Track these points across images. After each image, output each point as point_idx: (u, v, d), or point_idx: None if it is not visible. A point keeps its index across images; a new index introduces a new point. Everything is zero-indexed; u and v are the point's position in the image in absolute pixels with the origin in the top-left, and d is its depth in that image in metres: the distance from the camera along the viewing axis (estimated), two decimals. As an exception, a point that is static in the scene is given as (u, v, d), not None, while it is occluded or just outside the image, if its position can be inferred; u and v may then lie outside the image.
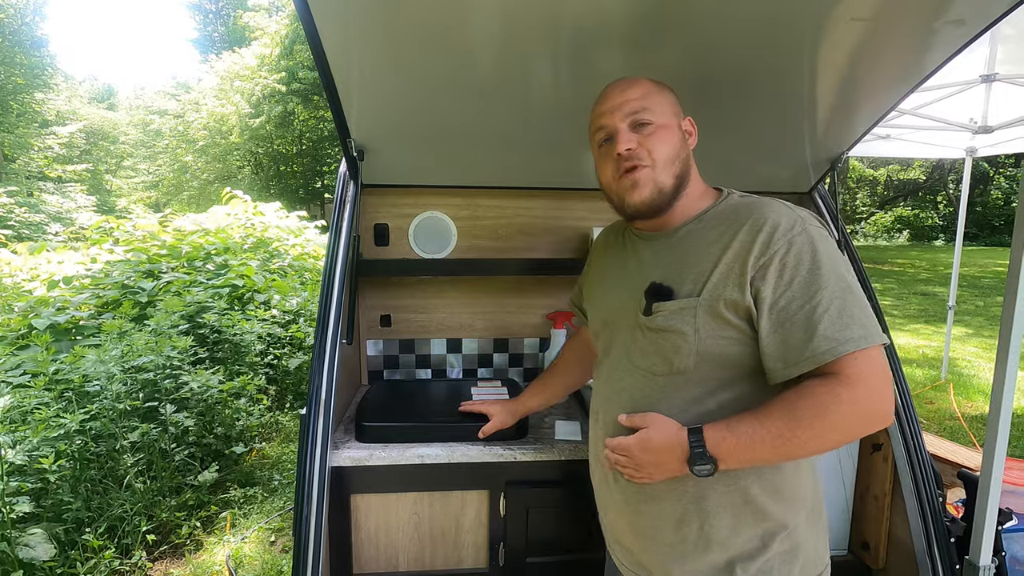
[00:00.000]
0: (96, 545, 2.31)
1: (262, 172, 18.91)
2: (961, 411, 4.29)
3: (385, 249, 1.92)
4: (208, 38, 27.81)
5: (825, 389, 0.82)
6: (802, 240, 0.87)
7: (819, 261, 0.86)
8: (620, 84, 1.02)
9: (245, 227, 5.82)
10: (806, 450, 0.84)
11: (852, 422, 0.83)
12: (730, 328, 0.91)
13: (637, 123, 0.98)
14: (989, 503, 1.28)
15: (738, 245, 0.90)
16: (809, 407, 0.82)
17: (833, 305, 0.84)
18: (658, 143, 0.97)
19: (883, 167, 21.40)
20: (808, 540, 0.95)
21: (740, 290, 0.89)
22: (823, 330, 0.83)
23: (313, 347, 1.42)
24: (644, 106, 0.98)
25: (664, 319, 0.95)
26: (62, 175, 18.05)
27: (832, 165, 1.73)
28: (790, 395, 0.85)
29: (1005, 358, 1.22)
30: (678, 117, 1.03)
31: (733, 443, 0.85)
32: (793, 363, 0.85)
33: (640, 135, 0.98)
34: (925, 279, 12.12)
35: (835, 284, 0.85)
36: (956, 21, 1.19)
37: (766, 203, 0.94)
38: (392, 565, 1.50)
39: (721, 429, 0.86)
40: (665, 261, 1.00)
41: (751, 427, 0.84)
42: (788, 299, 0.86)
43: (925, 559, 1.40)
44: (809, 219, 0.92)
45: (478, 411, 1.47)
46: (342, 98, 1.36)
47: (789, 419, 0.83)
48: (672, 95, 1.04)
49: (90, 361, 2.62)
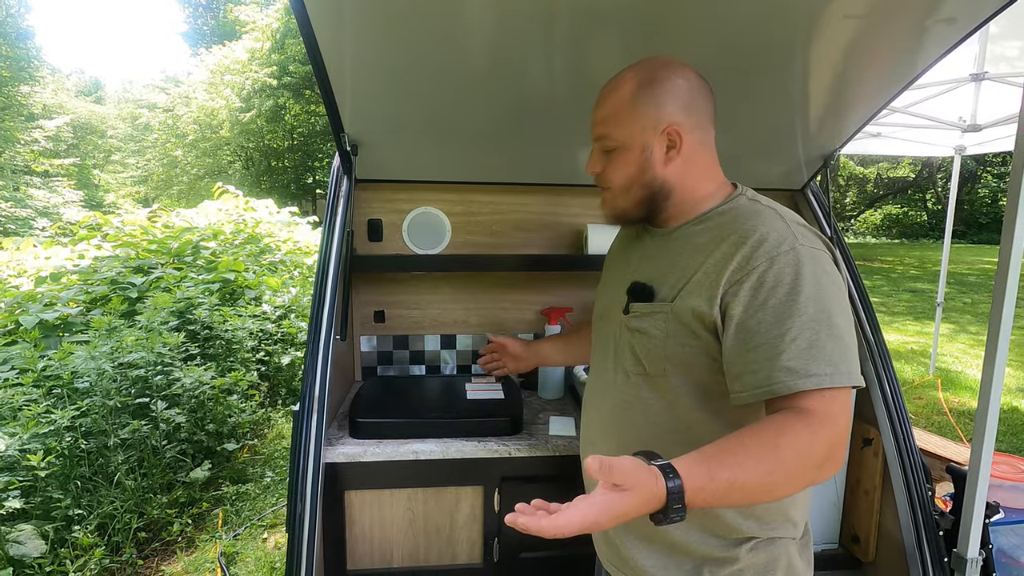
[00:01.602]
0: (86, 543, 2.29)
1: (253, 167, 18.74)
2: (949, 407, 4.35)
3: (379, 244, 1.91)
4: (198, 31, 27.51)
5: (801, 427, 0.74)
6: (787, 260, 0.81)
7: (800, 285, 0.79)
8: (601, 94, 0.99)
9: (236, 223, 5.77)
10: (774, 496, 0.76)
11: (822, 467, 0.75)
12: (696, 338, 0.88)
13: (602, 146, 0.98)
14: (977, 497, 1.29)
15: (719, 255, 0.86)
16: (791, 445, 0.73)
17: (803, 335, 0.77)
18: (613, 170, 0.97)
19: (873, 165, 21.56)
20: (791, 559, 0.93)
21: (708, 303, 0.85)
22: (785, 360, 0.77)
23: (307, 343, 1.41)
24: (606, 132, 0.96)
25: (639, 320, 0.94)
26: (49, 169, 17.79)
27: (825, 162, 1.74)
28: (767, 432, 0.75)
29: (993, 355, 1.23)
30: (651, 132, 0.93)
31: (712, 492, 0.71)
32: (750, 388, 0.80)
33: (605, 157, 0.98)
34: (914, 276, 12.24)
35: (812, 313, 0.78)
36: (948, 19, 1.20)
37: (764, 215, 0.88)
38: (386, 561, 1.50)
39: (703, 478, 0.70)
40: (656, 261, 0.98)
41: (731, 473, 0.71)
42: (758, 320, 0.80)
43: (914, 552, 1.42)
44: (803, 238, 0.84)
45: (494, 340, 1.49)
46: (336, 92, 1.35)
47: (771, 463, 0.73)
48: (651, 104, 0.92)
49: (80, 357, 2.59)
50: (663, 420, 0.93)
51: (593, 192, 1.96)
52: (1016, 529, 1.94)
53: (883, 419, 1.52)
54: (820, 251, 0.85)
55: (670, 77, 0.93)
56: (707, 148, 0.98)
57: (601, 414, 1.04)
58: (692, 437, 0.90)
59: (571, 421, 1.58)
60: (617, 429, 1.00)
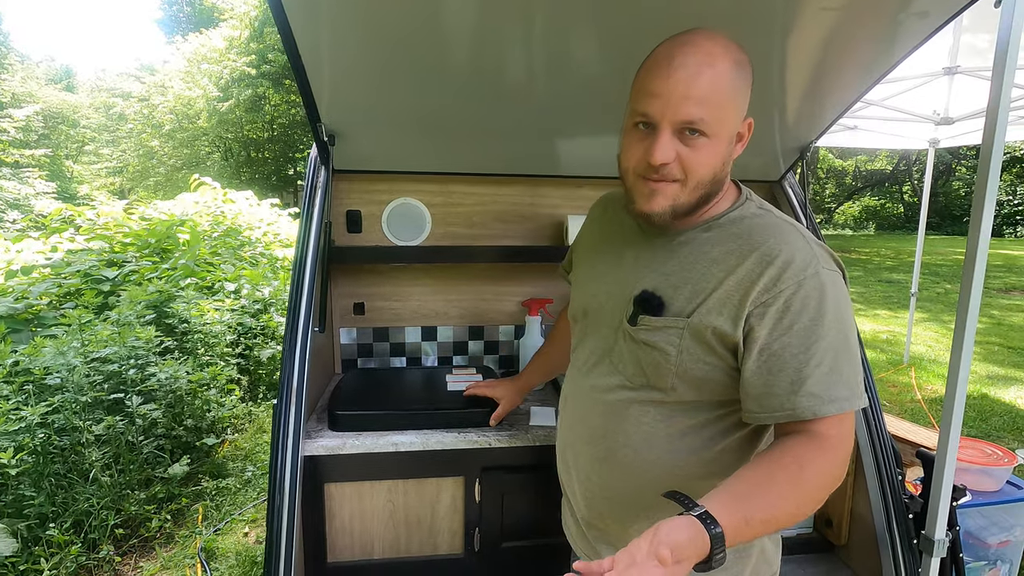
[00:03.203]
0: (61, 540, 2.25)
1: (232, 158, 18.41)
2: (921, 394, 4.46)
3: (358, 236, 1.89)
4: (174, 18, 26.83)
5: (819, 454, 0.76)
6: (812, 284, 0.79)
7: (824, 309, 0.79)
8: (689, 61, 0.78)
9: (214, 215, 5.67)
10: (794, 523, 0.76)
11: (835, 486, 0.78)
12: (714, 355, 0.85)
13: (688, 128, 0.80)
14: (944, 480, 1.33)
15: (743, 273, 0.82)
16: (814, 476, 0.75)
17: (826, 360, 0.78)
18: (699, 163, 0.82)
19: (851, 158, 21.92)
20: (763, 542, 0.95)
21: (733, 323, 0.82)
22: (811, 386, 0.77)
23: (284, 335, 1.39)
24: (704, 116, 0.79)
25: (648, 333, 0.88)
26: (19, 160, 17.27)
27: (801, 154, 1.76)
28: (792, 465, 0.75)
29: (960, 342, 1.26)
30: (737, 123, 0.85)
31: (746, 535, 0.71)
32: (770, 410, 0.80)
33: (684, 145, 0.81)
34: (890, 267, 12.49)
35: (833, 337, 0.79)
36: (920, 13, 1.22)
37: (783, 230, 0.85)
38: (367, 553, 1.50)
39: (738, 522, 0.69)
40: (663, 267, 0.91)
41: (766, 513, 0.72)
42: (783, 344, 0.79)
43: (884, 535, 1.45)
44: (824, 259, 0.83)
45: (483, 395, 1.46)
46: (311, 81, 1.33)
47: (799, 495, 0.75)
48: (747, 87, 0.84)
49: (49, 353, 2.53)
50: (660, 431, 0.91)
51: (573, 183, 1.98)
52: (983, 511, 2.01)
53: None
54: (836, 272, 0.84)
55: (748, 60, 0.84)
56: None
57: (588, 418, 0.99)
58: (684, 445, 0.90)
59: (552, 411, 1.59)
60: (607, 436, 0.96)
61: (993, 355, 5.71)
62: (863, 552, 1.56)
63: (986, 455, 2.03)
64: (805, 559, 1.68)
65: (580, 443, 1.01)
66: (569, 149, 1.76)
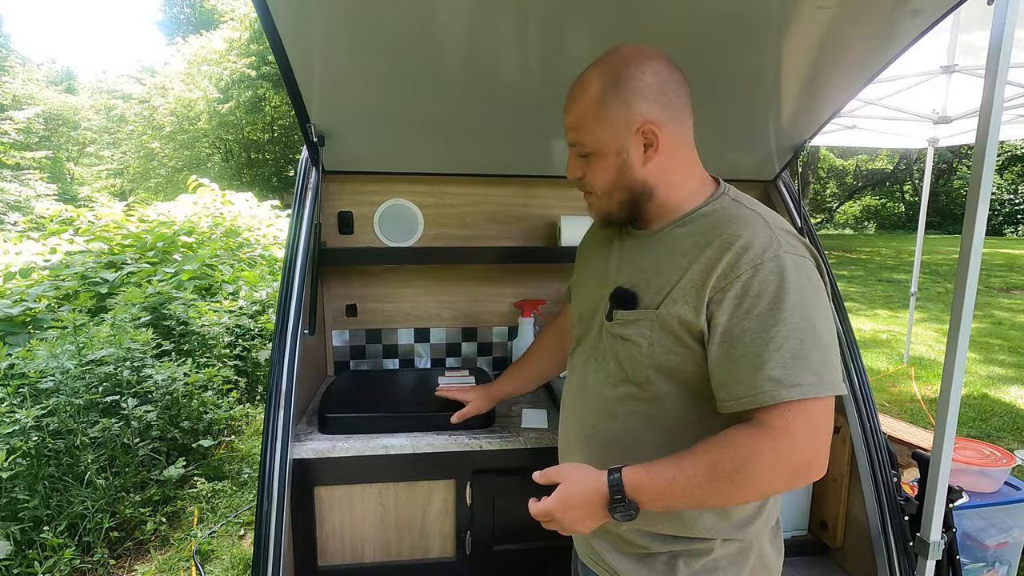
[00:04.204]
0: (55, 543, 2.25)
1: (232, 159, 18.42)
2: (921, 394, 4.44)
3: (350, 237, 1.88)
4: (174, 20, 26.92)
5: (748, 441, 0.78)
6: (771, 267, 0.80)
7: (784, 293, 0.79)
8: (569, 97, 0.95)
9: (213, 216, 5.67)
10: (728, 501, 0.81)
11: (775, 477, 0.78)
12: (682, 346, 0.86)
13: (577, 152, 0.95)
14: (939, 482, 1.32)
15: (704, 261, 0.84)
16: (730, 459, 0.77)
17: (788, 344, 0.77)
18: (593, 175, 0.94)
19: (852, 157, 21.88)
20: (763, 548, 0.95)
21: (695, 311, 0.84)
22: (770, 370, 0.77)
23: (273, 337, 1.38)
24: (578, 139, 0.93)
25: (622, 328, 0.92)
26: (20, 162, 17.30)
27: (796, 153, 1.74)
28: (713, 444, 0.80)
29: (955, 341, 1.25)
30: (624, 135, 0.89)
31: (652, 489, 0.80)
32: (736, 398, 0.81)
33: (585, 163, 0.94)
34: (890, 266, 12.47)
35: (796, 322, 0.78)
36: (914, 11, 1.21)
37: (746, 218, 0.87)
38: (358, 557, 1.49)
39: (642, 474, 0.81)
40: (638, 264, 0.95)
41: (671, 473, 0.80)
42: (743, 329, 0.80)
43: (879, 537, 1.44)
44: (787, 243, 0.83)
45: (453, 398, 1.45)
46: (300, 81, 1.32)
47: (709, 471, 0.78)
48: (621, 106, 0.88)
49: (43, 355, 2.53)
50: (644, 428, 0.92)
51: (565, 184, 1.97)
52: (981, 513, 1.99)
53: (850, 408, 1.54)
54: (804, 258, 0.84)
55: (636, 73, 0.88)
56: (685, 141, 0.94)
57: (581, 419, 1.02)
58: (674, 444, 0.89)
59: (544, 413, 1.58)
60: (598, 435, 0.98)
61: (993, 355, 5.68)
62: (858, 555, 1.55)
63: (984, 456, 2.01)
64: (800, 562, 1.67)
65: (577, 443, 1.03)
66: (562, 149, 1.74)
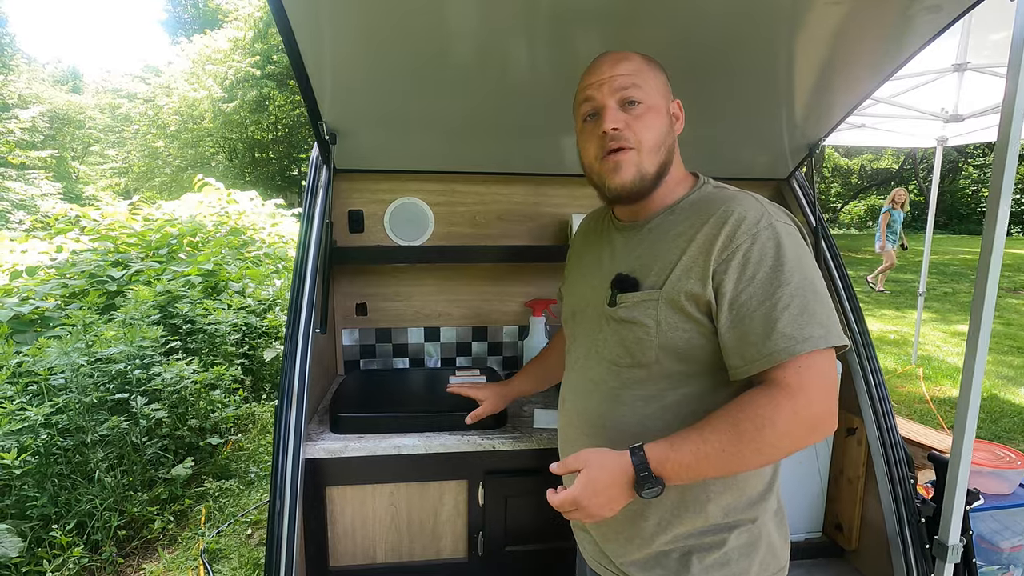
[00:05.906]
0: (64, 542, 2.25)
1: (237, 159, 18.44)
2: (930, 395, 4.41)
3: (360, 236, 1.87)
4: (178, 19, 26.95)
5: (766, 400, 0.80)
6: (767, 235, 0.85)
7: (783, 257, 0.84)
8: (611, 57, 0.96)
9: (218, 215, 5.68)
10: (751, 463, 0.82)
11: (795, 433, 0.80)
12: (691, 321, 0.89)
13: (626, 100, 0.93)
14: (958, 484, 1.30)
15: (703, 238, 0.88)
16: (751, 419, 0.79)
17: (794, 302, 0.81)
18: (646, 126, 0.92)
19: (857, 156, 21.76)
20: (770, 536, 0.95)
21: (702, 283, 0.87)
22: (782, 327, 0.81)
23: (285, 336, 1.38)
24: (635, 82, 0.93)
25: (627, 311, 0.93)
26: (25, 161, 17.35)
27: (810, 151, 1.73)
28: (732, 408, 0.82)
29: (975, 343, 1.24)
30: (667, 99, 0.98)
31: (677, 462, 0.80)
32: (751, 360, 0.83)
33: (628, 114, 0.93)
34: (896, 266, 12.39)
35: (798, 281, 0.83)
36: (932, 7, 1.19)
37: (735, 196, 0.92)
38: (370, 557, 1.48)
39: (664, 448, 0.81)
40: (635, 252, 0.98)
41: (694, 444, 0.80)
42: (749, 295, 0.84)
43: (896, 539, 1.43)
44: (776, 213, 0.89)
45: (466, 395, 1.43)
46: (312, 79, 1.31)
47: (732, 434, 0.79)
48: (664, 75, 0.99)
49: (53, 353, 2.53)
50: (652, 410, 0.93)
51: (577, 182, 1.95)
52: (996, 515, 1.97)
53: (867, 409, 1.52)
54: (791, 226, 0.90)
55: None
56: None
57: (586, 411, 1.02)
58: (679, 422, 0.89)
59: (555, 413, 1.56)
60: (604, 424, 0.98)
61: (1003, 356, 5.64)
62: (874, 557, 1.54)
63: (998, 458, 1.99)
64: (815, 564, 1.65)
65: (582, 438, 1.02)
66: (573, 147, 1.73)
